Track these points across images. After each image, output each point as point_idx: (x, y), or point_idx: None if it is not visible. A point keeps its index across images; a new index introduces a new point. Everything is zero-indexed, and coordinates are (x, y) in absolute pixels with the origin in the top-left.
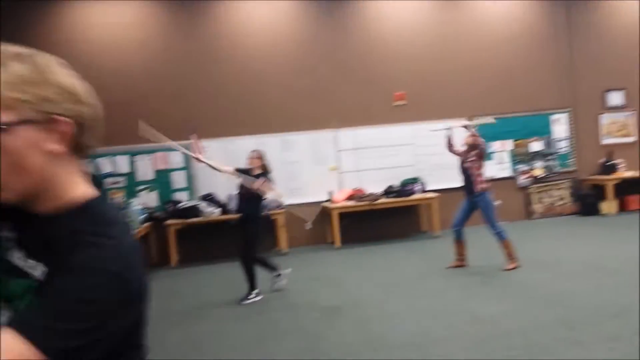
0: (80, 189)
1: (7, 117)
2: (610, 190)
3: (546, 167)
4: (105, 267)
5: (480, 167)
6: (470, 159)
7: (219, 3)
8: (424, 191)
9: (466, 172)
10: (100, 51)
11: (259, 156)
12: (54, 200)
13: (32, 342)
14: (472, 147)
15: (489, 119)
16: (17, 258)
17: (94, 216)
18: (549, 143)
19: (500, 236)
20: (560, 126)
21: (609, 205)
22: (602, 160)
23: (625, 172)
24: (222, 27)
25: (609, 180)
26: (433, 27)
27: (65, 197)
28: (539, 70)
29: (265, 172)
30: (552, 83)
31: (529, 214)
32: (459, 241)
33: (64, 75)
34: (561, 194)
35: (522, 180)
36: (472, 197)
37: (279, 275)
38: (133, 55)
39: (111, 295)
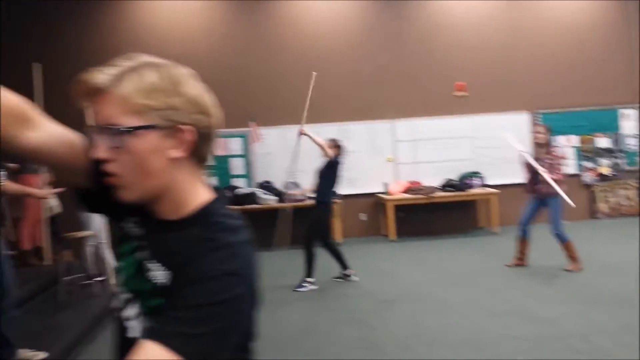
0: (201, 195)
1: (135, 121)
2: None
3: (613, 165)
4: (226, 269)
5: (557, 166)
6: (546, 160)
7: None
8: (483, 186)
9: (536, 172)
10: (165, 40)
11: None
12: (175, 205)
13: (174, 350)
14: (542, 145)
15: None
16: (143, 257)
17: (213, 222)
18: (616, 139)
19: (561, 238)
20: (629, 122)
21: None
22: None
23: None
24: (283, 17)
25: None
26: (497, 16)
27: (186, 203)
28: (608, 63)
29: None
30: (621, 76)
31: (593, 214)
32: (524, 239)
33: (193, 87)
34: (628, 194)
35: (587, 177)
36: (541, 196)
37: (347, 276)
38: (197, 45)
39: (234, 294)
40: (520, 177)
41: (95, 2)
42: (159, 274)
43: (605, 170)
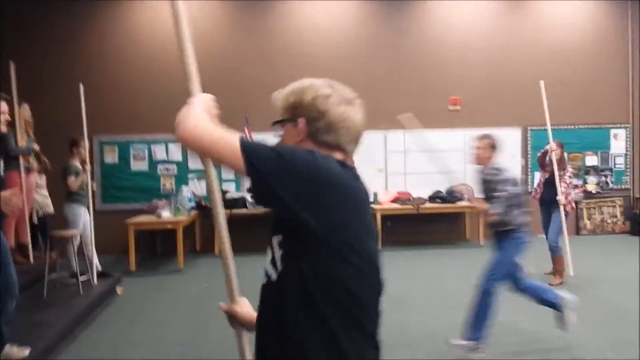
0: None
1: (285, 115)
2: None
3: (599, 183)
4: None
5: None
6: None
7: (278, 2)
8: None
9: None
10: (163, 44)
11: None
12: None
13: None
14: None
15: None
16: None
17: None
18: (604, 158)
19: (555, 251)
20: (618, 142)
21: None
22: None
23: None
24: (283, 24)
25: None
26: (493, 33)
27: None
28: (601, 83)
29: None
30: (613, 96)
31: (577, 230)
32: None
33: (321, 92)
34: (613, 212)
35: (574, 194)
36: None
37: None
38: (195, 46)
39: (305, 155)
40: None
41: (80, 3)
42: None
43: (592, 188)
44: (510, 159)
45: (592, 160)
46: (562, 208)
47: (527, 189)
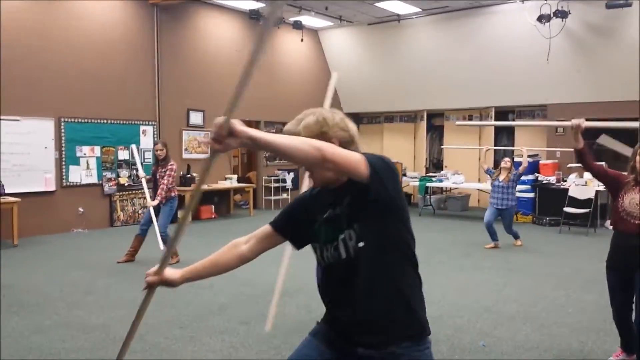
0: None
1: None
2: (188, 199)
3: (131, 176)
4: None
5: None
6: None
7: None
8: (3, 195)
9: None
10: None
11: None
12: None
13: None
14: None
15: None
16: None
17: None
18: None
19: (166, 240)
20: (147, 137)
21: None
22: (182, 173)
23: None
24: None
25: (187, 191)
26: (31, 31)
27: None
28: (132, 81)
29: None
30: (142, 94)
31: (112, 222)
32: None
33: (336, 117)
34: (143, 202)
35: (108, 187)
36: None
37: None
38: None
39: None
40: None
41: None
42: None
43: (125, 181)
44: (43, 151)
45: (124, 154)
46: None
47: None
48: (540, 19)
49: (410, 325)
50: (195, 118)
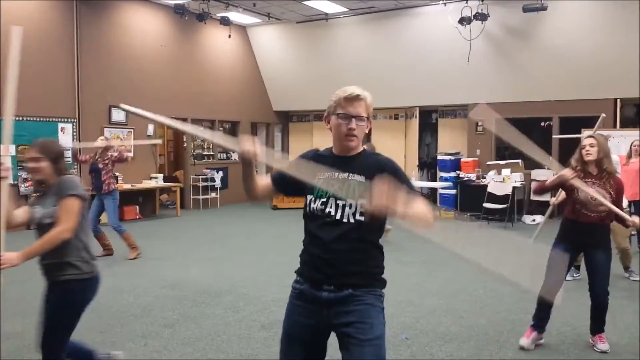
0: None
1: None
2: None
3: None
4: (395, 163)
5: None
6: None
7: None
8: None
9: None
10: None
11: None
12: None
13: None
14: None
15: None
16: (341, 174)
17: (371, 152)
18: None
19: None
20: (66, 135)
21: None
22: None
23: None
24: None
25: None
26: None
27: (359, 148)
28: (51, 77)
29: None
30: (62, 91)
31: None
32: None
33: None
34: None
35: (24, 188)
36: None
37: None
38: None
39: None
40: None
41: None
42: (358, 177)
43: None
44: None
45: None
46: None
47: None
48: (462, 21)
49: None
50: (118, 115)
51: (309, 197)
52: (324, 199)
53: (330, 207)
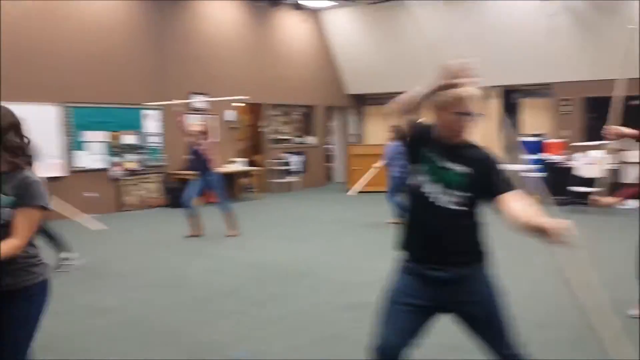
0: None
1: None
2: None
3: (139, 160)
4: (495, 158)
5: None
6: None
7: None
8: None
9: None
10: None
11: None
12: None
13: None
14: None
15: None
16: (446, 162)
17: (474, 144)
18: (141, 137)
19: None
20: (153, 122)
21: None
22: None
23: None
24: None
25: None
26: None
27: (465, 138)
28: (134, 66)
29: None
30: (145, 79)
31: (120, 206)
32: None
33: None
34: (152, 187)
35: (115, 172)
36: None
37: None
38: None
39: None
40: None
41: None
42: (459, 167)
43: (132, 165)
44: (49, 136)
45: (130, 139)
46: None
47: None
48: None
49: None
50: (198, 102)
51: (418, 173)
52: (432, 181)
53: (436, 191)
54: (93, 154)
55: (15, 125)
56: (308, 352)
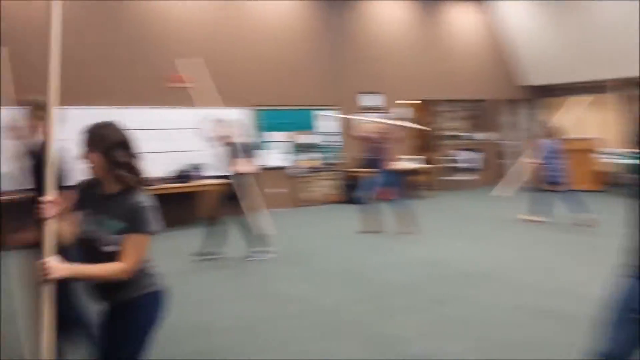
0: None
1: None
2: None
3: (317, 159)
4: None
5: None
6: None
7: None
8: (204, 177)
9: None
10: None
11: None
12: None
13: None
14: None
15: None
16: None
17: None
18: (317, 137)
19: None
20: (329, 122)
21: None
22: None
23: None
24: None
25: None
26: (222, 15)
27: None
28: (308, 69)
29: None
30: (319, 81)
31: (298, 202)
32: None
33: None
34: (329, 184)
35: (294, 169)
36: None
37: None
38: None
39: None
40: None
41: None
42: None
43: (312, 164)
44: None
45: (308, 138)
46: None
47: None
48: None
49: None
50: (369, 101)
51: None
52: None
53: None
54: (274, 153)
55: (123, 143)
56: (491, 355)
